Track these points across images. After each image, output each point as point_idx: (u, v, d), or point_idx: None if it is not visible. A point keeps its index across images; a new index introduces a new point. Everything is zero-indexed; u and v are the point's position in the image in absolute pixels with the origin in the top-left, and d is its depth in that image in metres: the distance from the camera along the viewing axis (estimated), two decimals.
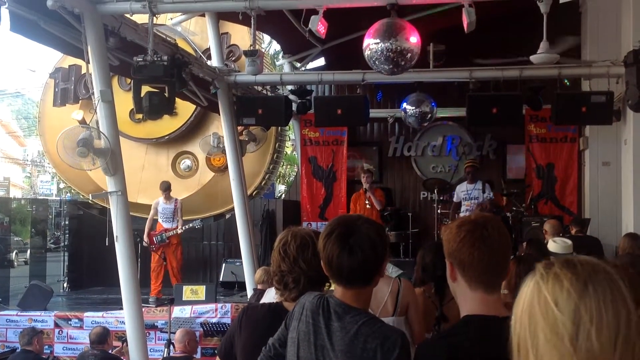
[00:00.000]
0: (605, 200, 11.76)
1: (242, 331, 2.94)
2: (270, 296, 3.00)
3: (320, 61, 14.06)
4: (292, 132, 15.41)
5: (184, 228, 12.00)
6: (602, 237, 10.91)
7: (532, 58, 7.96)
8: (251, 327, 2.93)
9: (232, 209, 11.76)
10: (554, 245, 5.78)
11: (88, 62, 7.39)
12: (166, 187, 11.96)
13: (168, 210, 11.87)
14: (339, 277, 2.37)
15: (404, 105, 11.78)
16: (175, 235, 11.87)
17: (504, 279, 2.21)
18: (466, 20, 7.07)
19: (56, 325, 10.15)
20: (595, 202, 12.06)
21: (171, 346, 8.54)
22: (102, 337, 7.54)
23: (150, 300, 11.24)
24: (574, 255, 5.61)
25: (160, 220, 11.88)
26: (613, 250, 9.11)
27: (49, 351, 9.86)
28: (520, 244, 8.16)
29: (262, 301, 3.15)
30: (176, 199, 12.14)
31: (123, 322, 8.18)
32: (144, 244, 11.72)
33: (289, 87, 11.59)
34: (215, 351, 8.31)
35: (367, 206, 11.57)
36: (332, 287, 2.50)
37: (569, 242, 5.90)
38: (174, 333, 8.26)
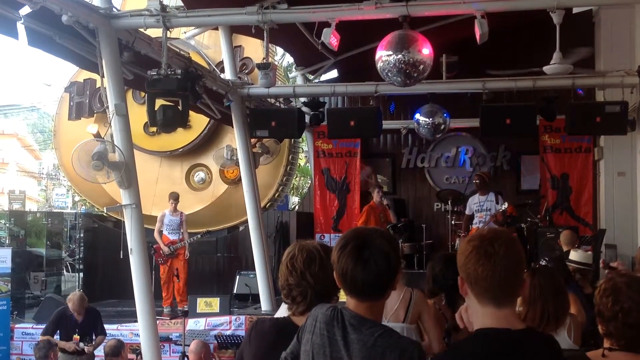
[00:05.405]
0: (620, 210, 11.67)
1: (250, 345, 2.96)
2: (283, 310, 3.00)
3: (333, 73, 14.09)
4: (305, 143, 15.42)
5: (191, 240, 11.91)
6: (618, 248, 10.84)
7: (546, 69, 7.91)
8: (258, 341, 2.93)
9: (246, 221, 11.78)
10: (575, 254, 5.82)
11: (103, 76, 7.47)
12: (176, 197, 11.94)
13: (174, 222, 11.83)
14: (353, 290, 2.36)
15: (417, 116, 11.77)
16: (182, 247, 11.78)
17: (517, 294, 2.17)
18: (478, 31, 7.07)
19: None
20: (610, 212, 11.96)
21: (185, 358, 8.55)
22: (117, 350, 7.56)
23: (165, 310, 11.29)
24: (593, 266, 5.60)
25: (165, 232, 11.82)
26: (629, 261, 9.03)
27: None
28: (534, 255, 8.06)
29: (275, 315, 3.15)
30: (181, 212, 12.08)
31: (137, 335, 8.19)
32: (165, 251, 11.63)
33: (302, 99, 11.62)
34: None
35: (382, 219, 11.59)
36: (343, 299, 2.50)
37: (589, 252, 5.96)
38: (188, 345, 8.27)
